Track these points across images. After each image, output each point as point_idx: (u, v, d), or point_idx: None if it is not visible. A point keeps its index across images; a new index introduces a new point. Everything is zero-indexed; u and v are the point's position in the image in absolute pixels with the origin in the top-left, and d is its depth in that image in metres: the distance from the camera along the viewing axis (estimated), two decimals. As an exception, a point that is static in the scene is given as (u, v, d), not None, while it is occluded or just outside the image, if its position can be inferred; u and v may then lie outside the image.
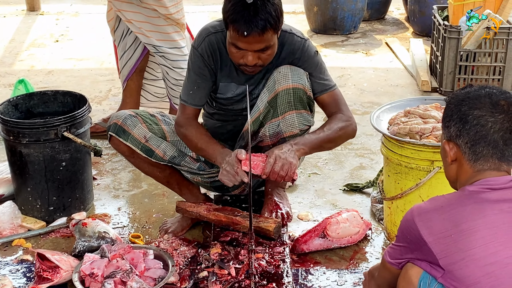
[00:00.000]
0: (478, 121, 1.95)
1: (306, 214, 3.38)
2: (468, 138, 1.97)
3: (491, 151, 1.96)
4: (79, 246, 3.00)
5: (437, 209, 1.97)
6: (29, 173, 3.27)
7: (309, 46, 2.96)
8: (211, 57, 2.94)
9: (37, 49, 6.32)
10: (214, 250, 2.87)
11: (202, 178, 3.17)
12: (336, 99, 3.00)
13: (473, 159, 1.98)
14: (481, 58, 4.87)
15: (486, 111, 1.95)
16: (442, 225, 1.93)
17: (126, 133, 3.04)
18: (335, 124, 2.93)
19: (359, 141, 4.24)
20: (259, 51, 2.76)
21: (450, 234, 1.91)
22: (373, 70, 5.65)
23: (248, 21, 2.67)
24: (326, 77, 3.00)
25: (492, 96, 1.97)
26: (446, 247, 1.91)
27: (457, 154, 2.02)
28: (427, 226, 1.95)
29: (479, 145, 1.96)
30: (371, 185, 3.60)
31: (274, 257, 2.84)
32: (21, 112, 3.44)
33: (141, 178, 3.77)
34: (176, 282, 2.80)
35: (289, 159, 2.74)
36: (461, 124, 1.98)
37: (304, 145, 2.83)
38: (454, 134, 2.01)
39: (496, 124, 1.94)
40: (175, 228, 3.20)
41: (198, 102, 3.01)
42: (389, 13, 7.32)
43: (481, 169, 1.98)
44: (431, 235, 1.94)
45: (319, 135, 2.89)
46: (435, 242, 1.93)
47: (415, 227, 1.97)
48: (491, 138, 1.94)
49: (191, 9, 7.57)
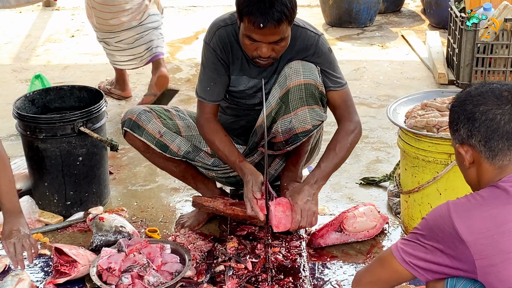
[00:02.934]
0: (487, 116, 1.90)
1: (322, 208, 3.37)
2: (481, 135, 1.91)
3: (506, 143, 1.90)
4: (96, 241, 3.01)
5: (477, 207, 1.85)
6: (46, 168, 3.28)
7: (323, 42, 2.94)
8: (223, 50, 2.94)
9: (53, 44, 6.34)
10: (231, 244, 2.87)
11: (216, 173, 3.17)
12: (345, 100, 2.97)
13: (490, 156, 1.92)
14: (499, 50, 4.82)
15: (491, 105, 1.90)
16: (484, 225, 1.82)
17: (141, 128, 3.04)
18: (345, 140, 2.90)
19: (376, 135, 4.22)
20: (274, 43, 2.75)
21: (492, 234, 1.81)
22: (389, 63, 5.61)
23: (264, 12, 2.66)
24: (338, 75, 2.97)
25: (494, 90, 1.93)
26: (486, 248, 1.81)
27: (474, 155, 1.95)
28: (467, 225, 1.83)
29: (493, 139, 1.90)
30: (388, 179, 3.58)
31: (291, 251, 2.83)
32: (38, 107, 3.45)
33: (157, 173, 3.77)
34: (193, 276, 2.80)
35: (312, 209, 2.78)
36: (470, 124, 1.93)
37: (323, 180, 2.87)
38: (465, 136, 1.95)
39: (504, 115, 1.89)
40: (192, 222, 3.20)
41: (216, 97, 3.00)
42: (405, 6, 7.27)
43: (502, 165, 1.91)
44: (471, 234, 1.81)
45: (333, 160, 2.89)
46: (474, 242, 1.81)
47: (451, 224, 1.84)
48: (503, 130, 1.89)
49: (206, 3, 7.57)
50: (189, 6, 7.52)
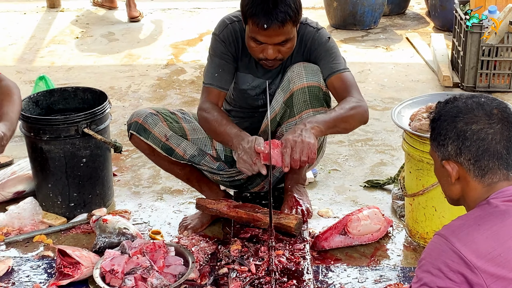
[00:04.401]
0: (478, 136, 1.87)
1: (326, 210, 3.36)
2: (471, 154, 1.88)
3: (496, 163, 1.87)
4: (99, 242, 3.01)
5: (476, 229, 1.79)
6: (49, 169, 3.28)
7: (320, 34, 2.94)
8: (233, 44, 2.94)
9: (57, 46, 6.35)
10: (234, 247, 2.86)
11: (221, 177, 3.16)
12: (345, 82, 2.91)
13: (480, 174, 1.89)
14: (504, 53, 4.81)
15: (483, 123, 1.87)
16: (488, 245, 1.76)
17: (147, 131, 3.04)
18: (345, 104, 2.83)
19: (380, 137, 4.21)
20: (279, 44, 2.75)
21: (499, 253, 1.75)
22: (394, 66, 5.60)
23: (268, 13, 2.66)
24: (336, 61, 2.93)
25: (484, 106, 1.90)
26: (496, 270, 1.74)
27: (461, 172, 1.91)
28: (473, 250, 1.75)
29: (484, 159, 1.87)
30: (392, 182, 3.57)
31: (294, 254, 2.82)
32: (42, 108, 3.45)
33: (160, 175, 3.77)
34: (196, 279, 2.80)
35: (306, 140, 2.62)
36: (460, 142, 1.89)
37: (318, 123, 2.70)
38: (453, 153, 1.90)
39: (496, 135, 1.87)
40: (195, 224, 3.20)
41: (224, 84, 2.97)
42: (409, 8, 7.25)
43: (491, 182, 1.88)
44: (479, 259, 1.74)
45: (331, 114, 2.79)
46: (485, 266, 1.74)
47: (456, 254, 1.76)
48: (494, 149, 1.87)
49: (210, 5, 7.58)
50: (193, 8, 7.53)
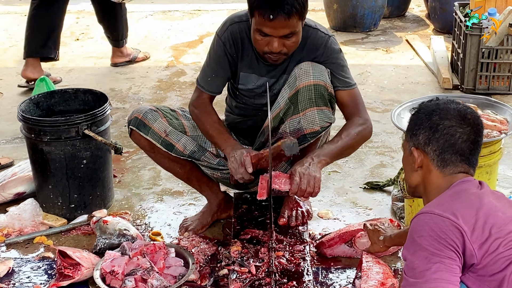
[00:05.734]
0: (448, 131, 2.09)
1: (326, 212, 3.37)
2: (437, 146, 2.10)
3: (459, 158, 2.10)
4: (100, 244, 3.01)
5: (454, 202, 2.00)
6: (50, 170, 3.29)
7: (332, 42, 2.96)
8: (233, 45, 2.96)
9: (58, 48, 6.35)
10: (234, 248, 2.87)
11: (221, 173, 3.16)
12: (355, 99, 2.98)
13: (442, 165, 2.10)
14: (503, 55, 4.82)
15: (455, 122, 2.09)
16: (469, 212, 1.96)
17: (147, 127, 3.05)
18: (352, 129, 2.91)
19: (380, 139, 4.21)
20: (284, 37, 2.77)
21: (479, 217, 1.95)
22: (394, 68, 5.61)
23: (274, 5, 2.69)
24: (347, 75, 2.99)
25: (460, 110, 2.12)
26: (479, 234, 1.93)
27: (425, 161, 2.13)
28: (459, 216, 1.94)
29: (448, 152, 2.09)
30: (392, 183, 3.57)
31: (295, 255, 2.83)
32: (42, 110, 3.46)
33: (161, 176, 3.78)
34: (196, 280, 2.80)
35: (313, 174, 2.72)
36: (431, 133, 2.11)
37: (324, 156, 2.81)
38: (422, 142, 2.13)
39: (464, 134, 2.09)
40: (195, 225, 3.21)
41: (215, 89, 3.06)
42: (409, 10, 7.26)
43: (452, 173, 2.11)
44: (466, 224, 1.93)
45: (337, 144, 2.87)
46: (472, 230, 1.93)
47: (447, 221, 1.94)
48: (459, 147, 2.09)
49: (211, 7, 7.58)
50: (194, 10, 7.54)
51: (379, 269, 2.71)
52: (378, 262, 2.77)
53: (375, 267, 2.73)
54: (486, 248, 1.92)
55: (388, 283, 2.62)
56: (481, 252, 1.92)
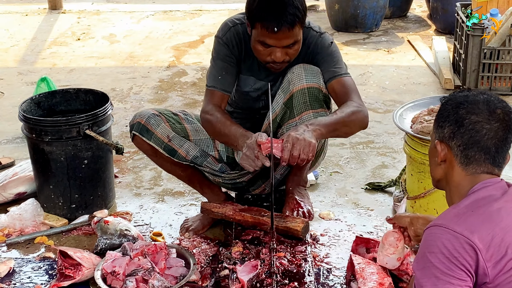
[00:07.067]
0: (474, 126, 1.95)
1: (327, 213, 3.36)
2: (462, 141, 1.97)
3: (483, 156, 1.96)
4: (101, 244, 3.01)
5: (470, 214, 1.88)
6: (51, 170, 3.28)
7: (323, 38, 2.94)
8: (236, 47, 2.94)
9: (59, 47, 6.36)
10: (236, 249, 2.86)
11: (223, 180, 3.15)
12: (346, 86, 2.91)
13: (465, 162, 1.98)
14: (505, 56, 4.81)
15: (483, 117, 1.95)
16: (487, 228, 1.84)
17: (150, 132, 3.04)
18: (346, 108, 2.84)
19: (381, 140, 4.21)
20: (287, 46, 2.76)
21: (496, 233, 1.84)
22: (395, 68, 5.61)
23: (278, 16, 2.66)
24: (338, 65, 2.94)
25: (489, 104, 1.97)
26: (495, 250, 1.83)
27: (448, 156, 2.01)
28: (474, 232, 1.83)
29: (472, 149, 1.96)
30: (394, 184, 3.57)
31: (296, 256, 2.82)
32: (44, 110, 3.45)
33: (162, 176, 3.77)
34: (198, 281, 2.80)
35: (307, 139, 2.63)
36: (456, 127, 1.98)
37: (319, 126, 2.73)
38: (447, 136, 2.00)
39: (491, 131, 1.95)
40: (196, 226, 3.20)
41: (227, 87, 2.98)
42: (411, 11, 7.26)
43: (475, 172, 1.97)
44: (481, 242, 1.82)
45: (332, 117, 2.81)
46: (487, 248, 1.82)
47: (465, 241, 1.83)
48: (484, 144, 1.95)
49: (212, 7, 7.59)
50: (195, 10, 7.54)
51: (372, 269, 2.67)
52: (369, 262, 2.74)
53: (368, 267, 2.69)
54: (501, 268, 1.83)
55: (386, 283, 2.60)
56: (494, 271, 1.83)
